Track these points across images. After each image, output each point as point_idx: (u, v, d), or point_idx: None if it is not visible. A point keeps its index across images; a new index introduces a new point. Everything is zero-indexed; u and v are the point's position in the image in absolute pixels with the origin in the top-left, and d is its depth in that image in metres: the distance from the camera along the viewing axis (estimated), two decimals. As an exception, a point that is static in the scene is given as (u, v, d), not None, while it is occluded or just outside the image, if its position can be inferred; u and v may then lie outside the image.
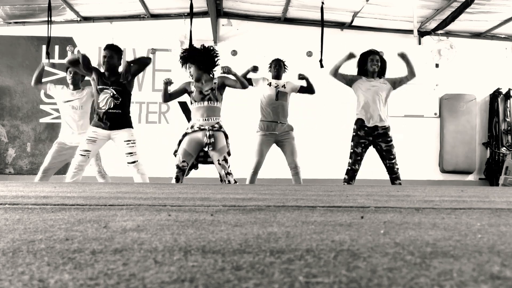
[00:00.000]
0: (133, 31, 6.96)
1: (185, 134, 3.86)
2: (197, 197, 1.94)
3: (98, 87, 3.92)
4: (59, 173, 6.61)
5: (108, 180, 4.63)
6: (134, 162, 3.96)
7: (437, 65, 6.95)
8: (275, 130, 4.34)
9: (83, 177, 4.12)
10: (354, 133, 4.17)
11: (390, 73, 6.99)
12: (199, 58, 3.84)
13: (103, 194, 2.06)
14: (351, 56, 4.18)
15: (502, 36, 7.10)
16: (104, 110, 3.90)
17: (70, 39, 6.94)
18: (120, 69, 4.07)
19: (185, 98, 4.22)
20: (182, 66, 3.97)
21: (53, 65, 6.85)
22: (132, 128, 4.09)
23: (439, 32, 6.81)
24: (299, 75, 4.41)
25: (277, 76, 4.53)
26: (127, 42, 6.94)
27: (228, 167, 3.81)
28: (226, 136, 3.88)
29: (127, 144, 3.95)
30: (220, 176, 3.85)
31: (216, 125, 3.83)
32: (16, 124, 6.83)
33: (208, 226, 1.09)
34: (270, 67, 4.64)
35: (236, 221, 1.17)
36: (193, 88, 3.88)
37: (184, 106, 6.77)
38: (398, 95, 7.23)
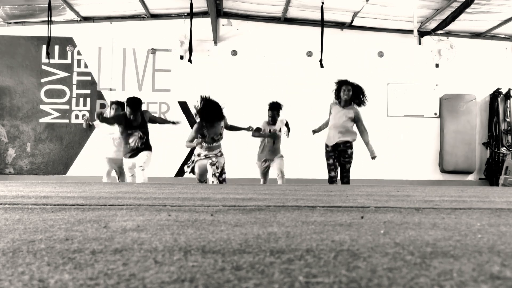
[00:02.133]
0: (133, 31, 6.96)
1: (195, 161, 4.66)
2: (197, 197, 1.94)
3: (128, 131, 4.78)
4: (59, 173, 6.62)
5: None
6: (142, 167, 4.77)
7: (437, 65, 6.95)
8: (270, 161, 5.11)
9: (83, 177, 4.13)
10: (325, 150, 4.77)
11: (390, 74, 7.01)
12: (214, 117, 4.38)
13: (103, 194, 2.06)
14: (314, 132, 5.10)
15: (502, 36, 7.10)
16: (133, 148, 4.82)
17: (70, 39, 6.94)
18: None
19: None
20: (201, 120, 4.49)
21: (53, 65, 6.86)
22: (151, 151, 4.90)
23: (439, 32, 6.81)
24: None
25: (273, 122, 5.06)
26: (127, 42, 6.94)
27: (218, 174, 4.49)
28: (224, 159, 4.66)
29: (143, 161, 4.81)
30: (214, 175, 4.51)
31: (219, 153, 4.60)
32: (16, 124, 6.83)
33: (208, 226, 1.09)
34: (268, 111, 5.06)
35: (236, 221, 1.17)
36: (206, 133, 4.48)
37: (184, 106, 6.78)
38: (398, 95, 7.28)
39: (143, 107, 6.83)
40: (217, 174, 4.55)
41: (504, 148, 6.88)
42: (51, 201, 1.69)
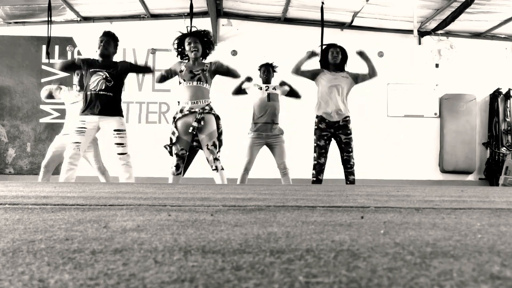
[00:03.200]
0: (133, 31, 6.96)
1: (176, 120, 3.76)
2: (197, 197, 1.94)
3: (90, 70, 3.77)
4: (59, 173, 6.62)
5: (108, 176, 4.63)
6: (124, 153, 3.81)
7: (437, 65, 6.95)
8: (267, 131, 4.42)
9: (82, 177, 4.11)
10: (316, 127, 4.24)
11: (390, 74, 7.00)
12: (202, 37, 3.80)
13: (103, 194, 2.06)
14: (312, 54, 4.27)
15: (502, 36, 7.10)
16: (94, 92, 3.71)
17: (70, 39, 6.94)
18: (115, 58, 4.03)
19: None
20: (179, 44, 3.86)
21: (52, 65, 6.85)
22: (123, 117, 3.91)
23: (439, 32, 6.81)
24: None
25: (267, 81, 4.62)
26: (127, 42, 6.93)
27: (217, 152, 3.75)
28: (218, 118, 3.81)
29: (118, 133, 3.78)
30: (208, 161, 3.79)
31: (207, 107, 3.73)
32: (16, 124, 6.83)
33: (208, 226, 1.09)
34: (259, 71, 4.70)
35: (236, 221, 1.17)
36: (183, 67, 3.77)
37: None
38: (398, 95, 7.28)
39: (143, 108, 6.87)
40: (210, 144, 3.66)
41: (504, 148, 6.88)
42: (51, 201, 1.69)
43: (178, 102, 4.06)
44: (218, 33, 7.01)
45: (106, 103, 3.74)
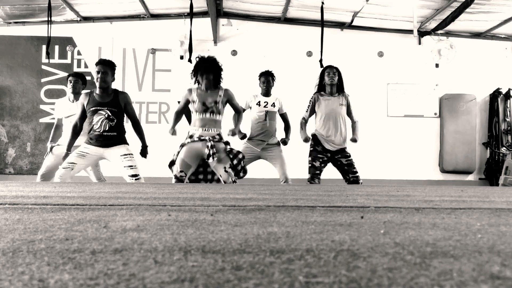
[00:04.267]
0: (133, 31, 6.97)
1: (183, 145, 3.75)
2: (197, 197, 1.93)
3: (91, 109, 3.75)
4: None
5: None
6: (136, 176, 3.78)
7: (437, 65, 6.95)
8: (260, 148, 4.38)
9: (82, 177, 4.11)
10: (312, 148, 4.20)
11: (390, 74, 7.00)
12: (213, 69, 3.76)
13: (103, 194, 2.06)
14: (305, 140, 4.23)
15: (502, 36, 7.10)
16: (99, 133, 3.75)
17: (70, 39, 6.94)
18: (113, 86, 3.96)
19: None
20: (194, 75, 3.83)
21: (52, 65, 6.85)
22: (128, 144, 3.91)
23: (439, 32, 6.81)
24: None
25: (267, 93, 4.50)
26: (127, 42, 6.94)
27: (234, 175, 3.73)
28: (227, 143, 3.80)
29: (125, 157, 3.79)
30: (225, 183, 3.72)
31: (217, 136, 3.74)
32: (16, 124, 6.83)
33: (208, 226, 1.09)
34: (259, 80, 4.55)
35: (236, 221, 1.17)
36: (195, 98, 3.76)
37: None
38: (398, 95, 7.28)
39: (143, 108, 6.87)
40: (227, 167, 3.63)
41: (504, 148, 6.88)
42: (51, 201, 1.69)
43: (178, 102, 4.06)
44: (218, 33, 7.01)
45: (111, 141, 3.79)
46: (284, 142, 4.51)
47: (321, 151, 4.15)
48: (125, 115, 3.92)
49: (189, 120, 4.23)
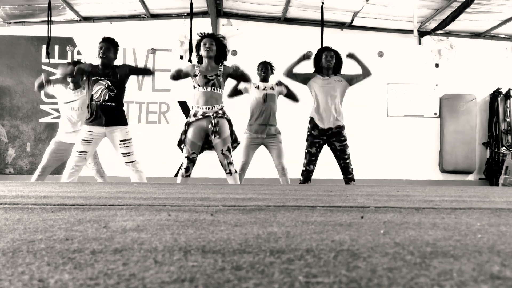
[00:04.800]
0: (133, 31, 6.96)
1: (188, 124, 3.80)
2: (197, 197, 1.93)
3: (92, 78, 3.83)
4: (59, 173, 6.62)
5: (106, 179, 4.63)
6: (132, 161, 3.91)
7: (437, 65, 6.95)
8: (263, 132, 4.41)
9: (82, 177, 4.11)
10: (308, 133, 4.17)
11: (390, 74, 7.00)
12: (218, 40, 3.85)
13: (103, 194, 2.06)
14: (305, 57, 4.18)
15: (502, 36, 7.09)
16: (98, 103, 3.80)
17: (70, 39, 6.94)
18: (115, 62, 4.03)
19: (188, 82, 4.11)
20: (197, 48, 3.88)
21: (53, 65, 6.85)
22: (127, 124, 3.99)
23: (439, 32, 6.81)
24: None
25: (265, 79, 4.56)
26: (127, 42, 6.93)
27: (231, 156, 3.79)
28: (230, 123, 3.85)
29: (123, 143, 3.88)
30: (222, 165, 3.82)
31: (220, 111, 3.78)
32: (16, 124, 6.83)
33: (208, 226, 1.09)
34: (257, 69, 4.63)
35: (236, 221, 1.17)
36: (197, 72, 3.79)
37: (184, 106, 6.77)
38: (398, 95, 7.27)
39: (143, 108, 6.87)
40: (224, 149, 3.69)
41: (504, 148, 6.88)
42: (51, 201, 1.69)
43: (178, 102, 4.09)
44: (218, 33, 7.00)
45: (111, 114, 3.84)
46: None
47: (317, 135, 4.10)
48: (125, 89, 3.99)
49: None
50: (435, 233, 1.02)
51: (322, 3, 5.84)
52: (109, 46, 3.89)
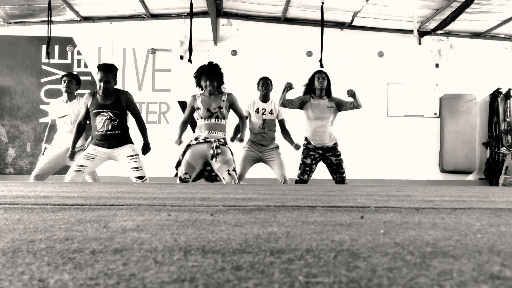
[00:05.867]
0: (133, 31, 6.96)
1: (188, 146, 3.81)
2: (197, 197, 1.93)
3: (94, 111, 3.79)
4: (59, 173, 6.63)
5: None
6: (142, 178, 3.84)
7: (437, 65, 6.95)
8: (261, 152, 4.48)
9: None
10: (304, 147, 4.39)
11: (390, 73, 7.01)
12: (215, 73, 3.86)
13: (103, 194, 2.06)
14: (287, 87, 4.34)
15: (502, 36, 7.09)
16: (102, 133, 3.79)
17: (70, 39, 6.94)
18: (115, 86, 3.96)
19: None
20: (197, 81, 3.92)
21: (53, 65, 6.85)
22: (133, 143, 3.96)
23: (439, 32, 6.81)
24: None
25: (265, 98, 4.55)
26: (127, 42, 6.94)
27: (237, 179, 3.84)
28: (231, 152, 3.88)
29: (131, 159, 3.84)
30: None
31: (222, 140, 3.83)
32: (16, 124, 6.83)
33: (208, 226, 1.09)
34: (258, 85, 4.62)
35: (236, 221, 1.17)
36: (200, 105, 3.84)
37: (184, 106, 6.77)
38: (398, 95, 7.27)
39: (143, 108, 6.87)
40: (230, 169, 3.71)
41: (504, 148, 6.88)
42: (51, 201, 1.69)
43: (178, 102, 4.10)
44: (218, 33, 7.01)
45: (115, 140, 3.83)
46: (297, 146, 4.55)
47: (313, 149, 4.32)
48: (128, 113, 3.99)
49: (193, 129, 4.27)
50: (435, 233, 1.02)
51: (322, 3, 5.84)
52: (109, 78, 3.76)
